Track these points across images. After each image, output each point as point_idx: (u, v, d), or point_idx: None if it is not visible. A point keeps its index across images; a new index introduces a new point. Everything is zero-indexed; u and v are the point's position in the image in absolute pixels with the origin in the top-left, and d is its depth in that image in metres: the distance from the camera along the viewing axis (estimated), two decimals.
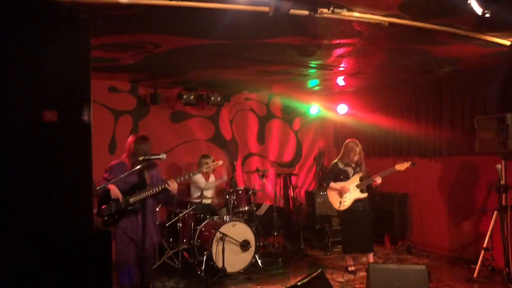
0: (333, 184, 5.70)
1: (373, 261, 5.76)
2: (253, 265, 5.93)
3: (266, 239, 7.05)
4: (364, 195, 5.62)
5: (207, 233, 5.80)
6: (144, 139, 4.37)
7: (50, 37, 1.75)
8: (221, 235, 5.54)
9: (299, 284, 3.66)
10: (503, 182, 5.28)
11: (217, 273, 5.51)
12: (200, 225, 5.96)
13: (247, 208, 6.33)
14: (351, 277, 5.62)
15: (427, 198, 7.00)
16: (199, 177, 6.57)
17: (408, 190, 7.15)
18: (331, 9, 3.49)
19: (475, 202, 6.30)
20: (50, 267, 1.68)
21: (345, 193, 5.59)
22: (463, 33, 4.17)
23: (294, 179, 8.32)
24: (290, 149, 8.70)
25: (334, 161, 5.87)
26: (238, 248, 5.75)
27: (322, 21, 3.87)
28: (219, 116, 7.90)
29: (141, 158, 4.21)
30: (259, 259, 6.04)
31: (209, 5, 3.44)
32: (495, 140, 5.34)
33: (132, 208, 4.21)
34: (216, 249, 5.58)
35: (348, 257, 5.85)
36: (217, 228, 5.63)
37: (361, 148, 5.71)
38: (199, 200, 6.41)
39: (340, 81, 7.02)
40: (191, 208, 6.13)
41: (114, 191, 4.16)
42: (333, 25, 4.02)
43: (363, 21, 3.84)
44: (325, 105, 8.61)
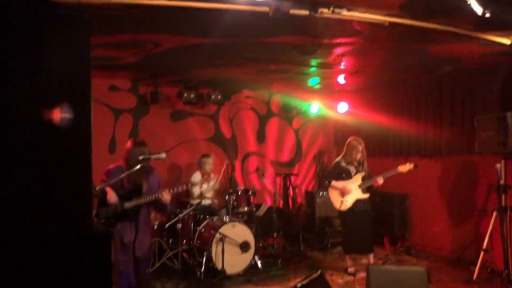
0: (335, 183, 5.65)
1: (373, 262, 5.76)
2: (252, 266, 5.92)
3: (265, 240, 7.04)
4: (365, 195, 5.59)
5: (206, 234, 5.78)
6: (141, 143, 4.40)
7: (50, 37, 1.74)
8: (221, 236, 5.53)
9: (298, 285, 3.66)
10: (502, 182, 5.27)
11: (217, 274, 5.50)
12: (199, 226, 5.94)
13: (246, 208, 6.32)
14: (351, 278, 5.61)
15: (427, 198, 6.99)
16: (198, 177, 6.56)
17: (407, 190, 7.15)
18: (331, 9, 3.49)
19: (475, 202, 6.29)
20: (50, 267, 1.68)
21: (347, 193, 5.57)
22: (463, 32, 4.17)
23: (293, 179, 8.31)
24: (290, 148, 8.69)
25: (336, 160, 5.82)
26: (237, 249, 5.73)
27: (322, 21, 3.87)
28: (219, 114, 7.90)
29: (141, 157, 4.25)
30: (259, 260, 6.03)
31: (209, 5, 3.44)
32: (495, 140, 5.33)
33: (127, 213, 4.29)
34: (215, 250, 5.57)
35: (348, 257, 5.84)
36: (216, 229, 5.62)
37: (363, 146, 5.67)
38: (199, 200, 6.40)
39: (340, 79, 7.02)
40: (190, 208, 6.12)
41: (111, 194, 4.21)
42: (333, 24, 4.01)
43: (364, 20, 3.84)
44: (325, 104, 8.61)
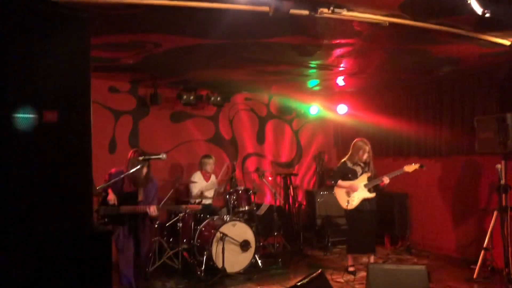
0: (341, 182, 5.64)
1: (373, 261, 5.76)
2: (253, 265, 5.92)
3: (266, 239, 7.05)
4: (372, 195, 5.58)
5: (207, 233, 5.79)
6: (141, 154, 4.61)
7: (50, 37, 1.75)
8: (221, 235, 5.54)
9: (299, 284, 3.66)
10: (503, 182, 5.27)
11: (217, 273, 5.51)
12: (200, 225, 5.95)
13: (247, 208, 6.32)
14: (351, 277, 5.62)
15: (427, 198, 7.00)
16: (198, 178, 6.57)
17: (408, 190, 7.15)
18: (331, 9, 3.49)
19: (475, 202, 6.29)
20: (50, 267, 1.68)
21: (353, 192, 5.56)
22: (463, 33, 4.17)
23: (294, 179, 8.31)
24: (290, 149, 8.70)
25: (342, 160, 5.80)
26: (238, 248, 5.74)
27: (322, 21, 3.87)
28: (219, 116, 7.90)
29: (141, 157, 4.39)
30: (259, 259, 6.04)
31: (209, 5, 3.44)
32: (495, 140, 5.33)
33: (122, 216, 4.48)
34: (216, 249, 5.58)
35: (350, 257, 5.84)
36: (217, 228, 5.63)
37: (370, 147, 5.67)
38: (199, 200, 6.40)
39: (340, 81, 7.02)
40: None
41: (111, 196, 4.43)
42: (333, 25, 4.02)
43: (363, 21, 3.84)
44: (325, 105, 8.61)
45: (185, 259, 6.03)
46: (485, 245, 5.43)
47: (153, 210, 4.45)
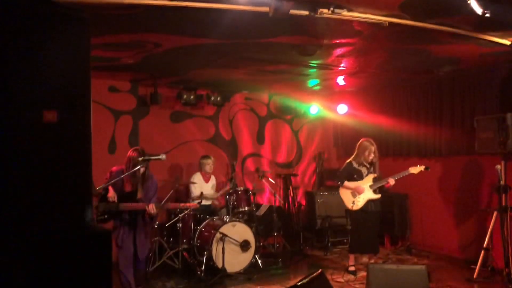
0: (347, 183, 5.62)
1: (373, 261, 5.76)
2: (253, 265, 5.93)
3: (266, 239, 7.05)
4: (377, 196, 5.56)
5: (207, 233, 5.79)
6: (141, 153, 4.61)
7: (50, 37, 1.75)
8: (221, 235, 5.54)
9: (299, 284, 3.66)
10: (502, 182, 5.27)
11: (217, 273, 5.51)
12: (200, 225, 5.96)
13: (247, 208, 6.32)
14: (351, 277, 5.62)
15: (427, 198, 7.00)
16: (198, 178, 6.57)
17: (408, 190, 7.15)
18: (331, 9, 3.49)
19: (475, 202, 6.29)
20: (50, 267, 1.68)
21: (359, 193, 5.56)
22: (463, 32, 4.17)
23: (293, 179, 8.31)
24: (290, 149, 8.69)
25: (348, 160, 5.78)
26: (238, 248, 5.75)
27: (322, 21, 3.87)
28: (219, 116, 7.90)
29: (141, 158, 4.41)
30: (259, 259, 6.04)
31: (209, 5, 3.44)
32: (495, 140, 5.34)
33: (121, 214, 4.50)
34: (216, 249, 5.58)
35: (351, 256, 5.83)
36: (217, 228, 5.63)
37: (376, 147, 5.66)
38: (199, 201, 6.39)
39: (340, 80, 7.02)
40: (190, 208, 6.12)
41: (111, 193, 4.43)
42: (333, 25, 4.02)
43: (363, 21, 3.84)
44: (325, 105, 8.61)
45: (185, 259, 6.04)
46: (485, 245, 5.43)
47: (151, 207, 4.45)
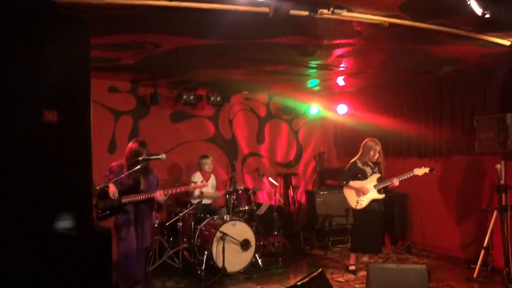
0: (352, 183, 5.61)
1: (373, 260, 5.76)
2: (253, 265, 5.93)
3: (266, 239, 7.06)
4: (381, 196, 5.55)
5: (207, 233, 5.80)
6: (142, 144, 4.57)
7: (50, 37, 1.75)
8: (221, 234, 5.54)
9: (299, 283, 3.66)
10: (502, 182, 5.28)
11: (217, 272, 5.51)
12: (200, 225, 5.96)
13: (247, 207, 6.32)
14: (352, 276, 5.62)
15: (427, 198, 7.00)
16: (198, 178, 6.57)
17: (408, 190, 7.14)
18: (331, 9, 3.49)
19: (475, 202, 6.30)
20: (50, 267, 1.68)
21: (364, 194, 5.53)
22: (463, 33, 4.17)
23: (294, 179, 8.31)
24: (290, 149, 8.70)
25: (352, 160, 5.77)
26: (238, 247, 5.75)
27: (322, 22, 3.88)
28: (219, 116, 7.90)
29: (141, 158, 4.40)
30: (259, 259, 6.04)
31: (209, 6, 3.45)
32: (495, 140, 5.33)
33: (124, 208, 4.43)
34: (216, 248, 5.58)
35: (352, 256, 5.84)
36: (217, 227, 5.63)
37: (381, 147, 5.65)
38: (199, 200, 6.41)
39: (340, 81, 7.02)
40: (191, 207, 6.14)
41: (112, 189, 4.37)
42: (333, 25, 4.02)
43: (363, 21, 3.84)
44: (325, 105, 8.61)
45: (185, 258, 6.05)
46: (485, 244, 5.44)
47: (159, 194, 4.44)
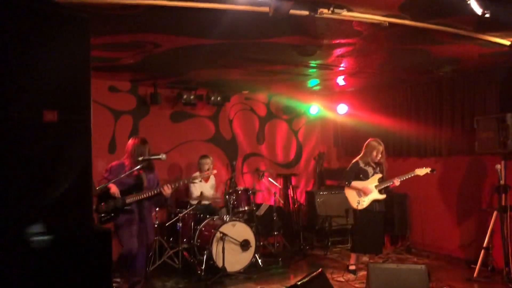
0: (354, 183, 5.59)
1: (373, 260, 5.76)
2: (253, 265, 5.93)
3: (266, 239, 7.05)
4: (382, 196, 5.54)
5: (207, 233, 5.80)
6: (142, 142, 4.52)
7: (50, 37, 1.75)
8: (221, 234, 5.54)
9: (299, 283, 3.66)
10: (502, 182, 5.28)
11: (217, 272, 5.51)
12: (200, 225, 5.96)
13: (247, 208, 6.32)
14: (351, 276, 5.62)
15: (427, 198, 7.00)
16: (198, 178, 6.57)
17: (408, 190, 7.14)
18: (331, 9, 3.49)
19: (475, 202, 6.29)
20: (50, 267, 1.68)
21: (367, 194, 5.51)
22: (463, 33, 4.17)
23: (294, 179, 8.31)
24: (290, 149, 8.70)
25: (354, 160, 5.75)
26: (238, 247, 5.75)
27: (322, 21, 3.87)
28: (219, 116, 7.90)
29: (141, 158, 4.34)
30: (259, 259, 6.05)
31: (209, 6, 3.44)
32: (495, 140, 5.33)
33: (128, 208, 4.36)
34: (216, 248, 5.58)
35: (353, 256, 5.83)
36: (217, 227, 5.63)
37: (383, 147, 5.64)
38: (199, 200, 6.40)
39: (340, 80, 7.02)
40: (191, 208, 6.14)
41: (113, 189, 4.29)
42: (333, 25, 4.02)
43: (363, 21, 3.84)
44: (325, 105, 8.61)
45: (185, 258, 6.05)
46: (485, 244, 5.44)
47: (167, 188, 4.41)
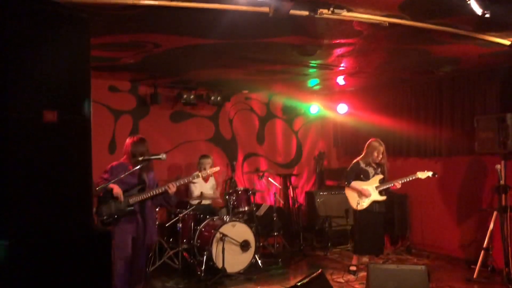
0: (354, 184, 5.58)
1: (373, 261, 5.76)
2: (253, 265, 5.92)
3: (266, 240, 7.05)
4: (383, 197, 5.53)
5: (207, 233, 5.79)
6: (141, 140, 4.42)
7: (50, 37, 1.75)
8: (221, 235, 5.54)
9: (299, 284, 3.66)
10: (502, 182, 5.28)
11: (217, 273, 5.51)
12: (200, 226, 5.96)
13: (247, 208, 6.32)
14: (351, 277, 5.62)
15: (427, 198, 6.99)
16: (198, 178, 6.55)
17: (407, 190, 7.12)
18: (331, 9, 3.49)
19: (475, 202, 6.29)
20: (50, 267, 1.68)
21: (367, 197, 5.49)
22: (463, 33, 4.17)
23: (294, 179, 8.31)
24: (290, 149, 8.69)
25: (355, 160, 5.74)
26: (238, 248, 5.74)
27: (322, 21, 3.87)
28: (219, 116, 7.90)
29: (141, 158, 4.26)
30: (259, 260, 6.04)
31: (209, 6, 3.44)
32: (495, 140, 5.34)
33: (131, 208, 4.25)
34: (216, 249, 5.58)
35: (355, 257, 5.82)
36: (217, 228, 5.63)
37: (384, 147, 5.63)
38: (199, 200, 6.40)
39: (340, 80, 7.02)
40: (191, 208, 6.13)
41: (116, 189, 4.18)
42: (333, 25, 4.02)
43: (363, 21, 3.84)
44: (325, 105, 8.61)
45: (185, 259, 6.04)
46: (485, 245, 5.43)
47: (172, 185, 4.37)
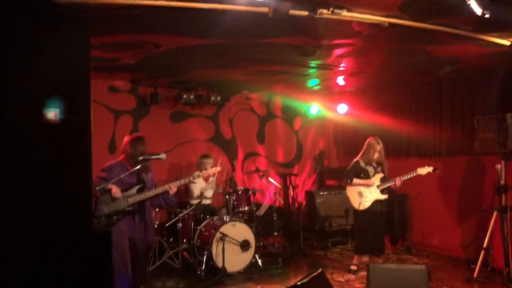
0: (356, 180, 5.57)
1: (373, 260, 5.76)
2: (253, 265, 5.93)
3: (266, 239, 7.05)
4: (384, 196, 5.53)
5: (207, 233, 5.80)
6: (140, 139, 4.37)
7: (50, 37, 1.75)
8: (221, 235, 5.54)
9: (299, 283, 3.66)
10: (502, 182, 5.28)
11: (217, 273, 5.51)
12: (200, 225, 5.96)
13: (247, 208, 6.32)
14: (352, 276, 5.62)
15: (427, 198, 7.00)
16: (198, 178, 6.55)
17: (407, 190, 7.13)
18: (331, 9, 3.49)
19: (475, 202, 6.29)
20: (50, 267, 1.68)
21: (366, 193, 5.50)
22: (463, 33, 4.17)
23: (294, 179, 8.32)
24: (290, 149, 8.70)
25: (355, 159, 5.74)
26: (238, 248, 5.75)
27: (321, 22, 3.87)
28: (219, 116, 7.90)
29: (141, 158, 4.21)
30: (259, 259, 6.04)
31: (209, 6, 3.45)
32: (495, 140, 5.34)
33: (130, 209, 4.22)
34: (216, 249, 5.58)
35: (356, 257, 5.82)
36: (217, 228, 5.63)
37: (382, 146, 5.60)
38: (199, 200, 6.40)
39: (340, 80, 7.02)
40: (190, 208, 6.14)
41: (115, 190, 4.15)
42: (333, 25, 4.02)
43: (363, 21, 3.84)
44: (325, 105, 8.61)
45: (185, 258, 6.05)
46: (485, 245, 5.43)
47: (173, 185, 4.35)
